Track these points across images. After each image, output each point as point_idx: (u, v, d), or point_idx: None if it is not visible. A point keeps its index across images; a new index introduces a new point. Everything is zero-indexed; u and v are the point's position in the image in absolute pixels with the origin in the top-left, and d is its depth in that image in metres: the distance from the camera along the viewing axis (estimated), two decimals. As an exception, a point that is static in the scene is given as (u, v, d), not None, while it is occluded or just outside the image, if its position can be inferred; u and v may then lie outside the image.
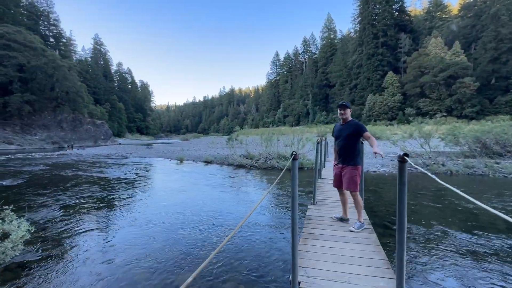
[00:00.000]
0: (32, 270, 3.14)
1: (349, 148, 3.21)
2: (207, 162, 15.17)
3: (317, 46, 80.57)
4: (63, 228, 4.68)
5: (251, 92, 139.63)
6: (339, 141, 3.35)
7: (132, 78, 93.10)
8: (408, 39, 51.57)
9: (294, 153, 1.77)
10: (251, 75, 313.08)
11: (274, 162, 12.86)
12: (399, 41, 52.39)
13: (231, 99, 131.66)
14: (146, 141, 60.60)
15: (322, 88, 69.49)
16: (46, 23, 51.63)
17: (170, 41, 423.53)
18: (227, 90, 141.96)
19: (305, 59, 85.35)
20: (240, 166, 13.31)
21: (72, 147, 32.68)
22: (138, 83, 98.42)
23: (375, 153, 2.72)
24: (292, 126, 62.69)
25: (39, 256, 3.53)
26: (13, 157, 19.90)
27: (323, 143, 8.42)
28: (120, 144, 43.71)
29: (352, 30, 65.32)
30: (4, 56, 33.65)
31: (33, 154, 23.00)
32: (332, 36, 72.90)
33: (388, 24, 52.88)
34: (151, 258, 3.51)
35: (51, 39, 52.50)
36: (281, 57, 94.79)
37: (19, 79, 35.31)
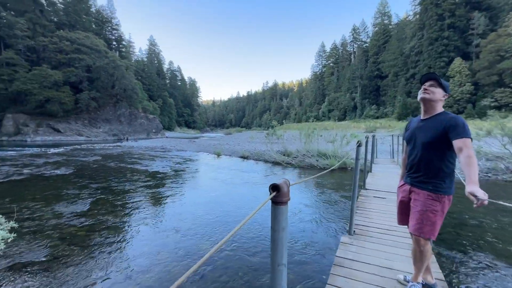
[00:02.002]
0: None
1: (431, 161, 1.77)
2: (243, 157, 14.82)
3: (368, 34, 73.92)
4: (83, 219, 4.66)
5: (294, 86, 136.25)
6: (413, 147, 1.90)
7: (182, 75, 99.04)
8: (483, 18, 43.23)
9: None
10: (295, 69, 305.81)
11: (313, 161, 11.78)
12: (471, 22, 44.31)
13: (274, 93, 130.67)
14: (191, 135, 63.99)
15: (372, 80, 63.62)
16: (109, 28, 57.74)
17: (217, 38, 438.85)
18: (270, 84, 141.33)
19: (353, 49, 79.24)
20: (276, 163, 12.58)
21: (127, 139, 36.12)
22: (186, 80, 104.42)
23: (471, 194, 1.32)
24: (337, 121, 59.02)
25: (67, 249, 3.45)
26: (79, 147, 22.64)
27: (370, 142, 7.10)
28: (167, 137, 46.82)
29: (411, 13, 57.76)
30: (75, 59, 38.62)
31: (95, 145, 25.92)
32: (386, 21, 65.84)
33: (457, 2, 45.14)
34: (169, 255, 3.10)
35: (114, 42, 58.67)
36: (327, 48, 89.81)
37: (87, 78, 40.21)
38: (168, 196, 6.70)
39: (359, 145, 2.89)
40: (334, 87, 79.70)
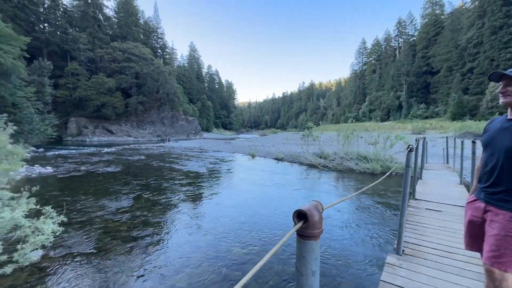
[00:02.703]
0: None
1: None
2: (278, 159, 14.60)
3: (415, 27, 67.67)
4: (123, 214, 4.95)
5: (332, 86, 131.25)
6: (492, 154, 1.49)
7: (219, 78, 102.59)
8: None
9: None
10: (333, 68, 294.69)
11: (352, 164, 11.04)
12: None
13: (311, 93, 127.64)
14: (228, 136, 65.74)
15: (420, 76, 57.97)
16: (155, 37, 62.46)
17: (254, 41, 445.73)
18: (306, 85, 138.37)
19: (398, 43, 73.29)
20: (311, 165, 12.11)
21: (169, 140, 38.53)
22: (224, 83, 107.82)
23: None
24: (380, 122, 55.08)
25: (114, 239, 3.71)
26: (127, 147, 24.78)
27: (420, 144, 6.33)
28: (205, 138, 48.77)
29: (468, 0, 51.20)
30: (126, 67, 42.55)
31: (141, 145, 28.14)
32: (437, 11, 59.51)
33: (529, -18, 38.72)
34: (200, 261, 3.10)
35: (159, 50, 63.32)
36: (368, 44, 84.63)
37: (135, 84, 43.98)
38: (203, 196, 6.82)
39: (410, 149, 2.48)
40: (376, 86, 74.61)
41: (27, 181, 8.21)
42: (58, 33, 39.27)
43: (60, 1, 41.39)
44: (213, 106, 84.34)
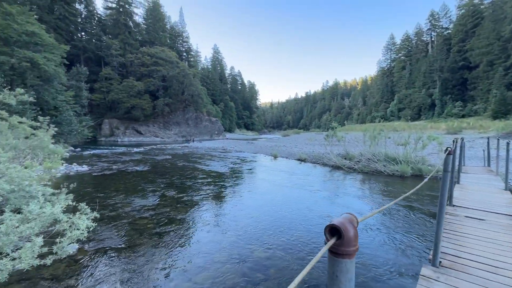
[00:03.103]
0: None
1: None
2: (300, 160, 14.36)
3: (450, 19, 62.96)
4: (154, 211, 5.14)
5: (357, 84, 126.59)
6: None
7: (242, 79, 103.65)
8: None
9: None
10: (358, 66, 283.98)
11: (379, 166, 10.52)
12: None
13: (335, 93, 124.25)
14: (250, 136, 66.13)
15: (456, 72, 53.76)
16: (180, 41, 64.71)
17: (276, 41, 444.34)
18: (330, 84, 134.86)
19: (431, 37, 68.67)
20: (336, 167, 11.74)
21: (193, 140, 39.66)
22: (246, 84, 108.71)
23: None
24: (410, 121, 51.98)
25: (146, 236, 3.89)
26: (155, 147, 25.91)
27: (458, 146, 5.83)
28: (227, 138, 49.49)
29: (514, -14, 46.43)
30: (154, 70, 44.56)
31: (167, 145, 29.27)
32: (476, 1, 54.80)
33: None
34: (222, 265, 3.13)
35: (184, 53, 65.50)
36: (397, 40, 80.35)
37: (162, 87, 45.88)
38: (225, 196, 6.90)
39: (448, 152, 2.27)
40: (405, 83, 70.56)
41: (66, 178, 8.89)
42: (94, 40, 42.24)
43: (95, 11, 44.51)
44: (236, 107, 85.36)
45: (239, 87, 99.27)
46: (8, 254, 2.09)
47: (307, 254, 3.63)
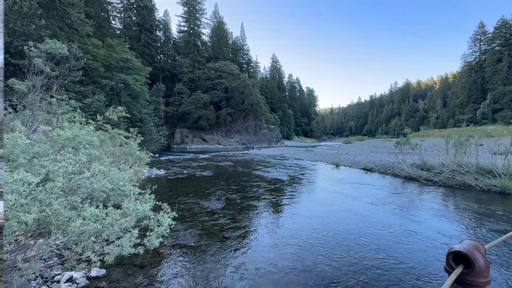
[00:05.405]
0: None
1: None
2: (366, 169, 13.24)
3: None
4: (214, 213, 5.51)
5: (435, 83, 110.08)
6: None
7: (300, 86, 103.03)
8: None
9: None
10: (436, 62, 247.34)
11: (469, 179, 8.82)
12: None
13: (405, 94, 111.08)
14: (309, 144, 64.58)
15: None
16: (241, 53, 68.86)
17: (336, 46, 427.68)
18: (400, 85, 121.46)
19: (541, 19, 54.92)
20: (409, 178, 10.39)
21: (253, 147, 41.14)
22: (304, 90, 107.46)
23: None
24: (510, 125, 42.15)
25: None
26: (218, 154, 27.91)
27: None
28: (286, 146, 49.48)
29: None
30: (218, 83, 48.47)
31: (229, 152, 31.14)
32: None
33: None
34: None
35: (244, 65, 69.35)
36: (489, 28, 67.09)
37: (225, 98, 49.40)
38: (286, 204, 6.87)
39: None
40: (502, 78, 57.90)
41: (148, 180, 10.35)
42: (169, 61, 48.82)
43: (171, 35, 51.52)
44: (294, 114, 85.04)
45: (297, 94, 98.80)
46: (114, 241, 2.56)
47: (378, 276, 3.29)
